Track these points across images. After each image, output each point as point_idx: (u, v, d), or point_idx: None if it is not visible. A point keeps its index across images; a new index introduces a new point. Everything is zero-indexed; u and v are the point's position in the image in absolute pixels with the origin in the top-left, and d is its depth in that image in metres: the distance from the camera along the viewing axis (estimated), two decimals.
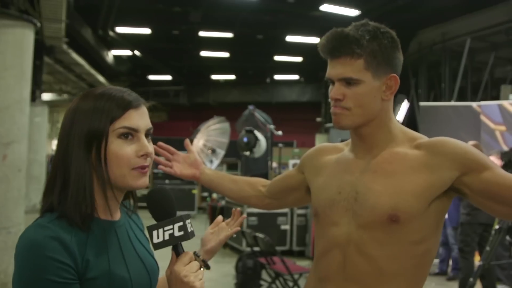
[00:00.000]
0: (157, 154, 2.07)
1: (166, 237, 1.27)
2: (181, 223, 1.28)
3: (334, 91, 1.59)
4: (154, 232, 1.27)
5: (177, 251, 1.29)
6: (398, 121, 1.71)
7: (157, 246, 1.27)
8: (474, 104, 7.63)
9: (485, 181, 1.51)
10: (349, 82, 1.57)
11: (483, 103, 7.68)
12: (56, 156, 1.26)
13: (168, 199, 1.32)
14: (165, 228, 1.27)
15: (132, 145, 1.27)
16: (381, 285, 1.56)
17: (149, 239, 1.29)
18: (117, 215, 1.36)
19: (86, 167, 1.23)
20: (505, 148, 6.94)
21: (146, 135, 1.31)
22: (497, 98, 11.33)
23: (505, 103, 7.53)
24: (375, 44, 1.56)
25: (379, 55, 1.57)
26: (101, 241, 1.25)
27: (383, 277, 1.55)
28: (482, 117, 7.41)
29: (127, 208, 1.45)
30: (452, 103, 8.40)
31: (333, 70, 1.59)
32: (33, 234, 1.17)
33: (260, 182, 2.11)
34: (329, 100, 1.63)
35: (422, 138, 1.64)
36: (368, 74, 1.57)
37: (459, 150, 1.54)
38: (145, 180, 1.30)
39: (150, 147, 1.30)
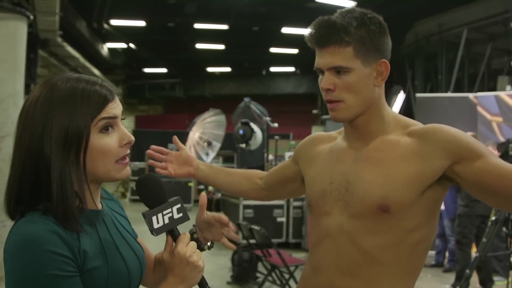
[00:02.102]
0: (151, 158, 2.08)
1: (166, 221, 1.29)
2: (179, 205, 1.30)
3: (324, 81, 1.56)
4: (154, 218, 1.28)
5: (174, 234, 1.30)
6: (390, 108, 1.68)
7: (158, 231, 1.27)
8: (470, 95, 7.61)
9: (477, 171, 1.44)
10: (339, 71, 1.53)
11: (479, 94, 7.66)
12: (26, 153, 1.19)
13: (159, 185, 1.32)
14: (164, 212, 1.29)
15: (113, 136, 1.24)
16: (375, 275, 1.53)
17: (148, 225, 1.28)
18: (100, 204, 1.33)
19: (66, 166, 1.18)
20: (502, 139, 6.93)
21: None
22: (494, 89, 11.32)
23: (502, 94, 7.52)
24: (363, 30, 1.52)
25: (368, 41, 1.53)
26: (92, 231, 1.23)
27: (377, 266, 1.53)
28: (479, 108, 7.39)
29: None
30: (449, 94, 8.38)
31: (322, 59, 1.55)
32: (27, 229, 1.13)
33: (256, 174, 2.09)
34: (321, 90, 1.59)
35: (415, 124, 1.60)
36: (358, 62, 1.53)
37: (451, 138, 1.49)
38: (128, 170, 1.30)
39: (130, 134, 1.28)
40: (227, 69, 22.42)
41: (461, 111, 7.42)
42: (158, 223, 1.27)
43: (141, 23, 15.49)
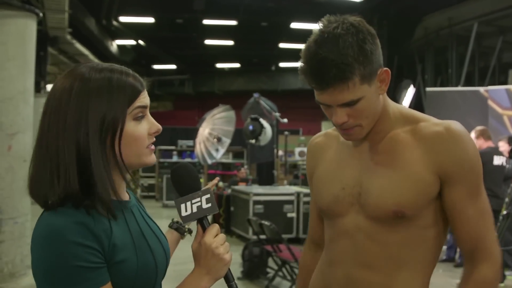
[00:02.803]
0: None
1: (194, 210, 1.29)
2: (208, 195, 1.30)
3: (338, 117, 1.48)
4: (182, 205, 1.29)
5: (203, 225, 1.30)
6: (396, 103, 1.64)
7: (186, 219, 1.29)
8: (481, 89, 7.56)
9: (452, 199, 1.50)
10: (349, 104, 1.46)
11: (490, 87, 7.60)
12: (61, 142, 1.19)
13: (193, 174, 1.34)
14: (193, 201, 1.29)
15: (144, 124, 1.27)
16: (392, 267, 1.54)
17: (177, 212, 1.30)
18: (127, 195, 1.35)
19: (103, 153, 1.20)
20: None
21: None
22: (505, 83, 11.25)
23: None
24: (361, 55, 1.42)
25: (368, 62, 1.43)
26: (122, 222, 1.24)
27: (395, 260, 1.53)
28: (490, 102, 7.34)
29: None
30: (459, 88, 8.33)
31: (329, 97, 1.47)
32: (53, 221, 1.13)
33: (311, 249, 1.90)
34: (334, 123, 1.54)
35: (424, 120, 1.56)
36: (365, 86, 1.45)
37: (458, 159, 1.48)
38: (154, 157, 1.32)
39: (158, 124, 1.31)
40: (236, 65, 22.40)
41: (472, 105, 7.37)
42: (186, 211, 1.29)
43: (150, 20, 15.51)
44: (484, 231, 1.50)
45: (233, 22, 15.70)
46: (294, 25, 15.65)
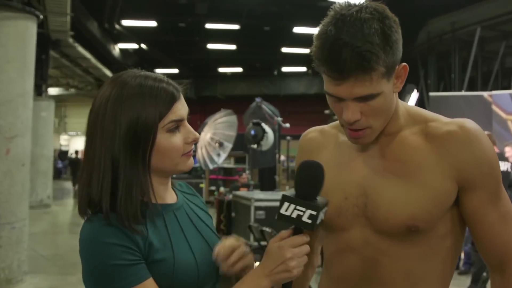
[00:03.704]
0: None
1: (294, 215, 1.22)
2: (314, 213, 1.21)
3: (350, 113, 1.28)
4: (286, 204, 1.22)
5: (296, 230, 1.23)
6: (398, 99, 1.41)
7: (281, 217, 1.23)
8: (485, 94, 7.49)
9: (475, 206, 1.33)
10: (366, 98, 1.26)
11: (494, 92, 7.53)
12: (98, 152, 1.22)
13: (318, 180, 1.24)
14: (298, 207, 1.21)
15: (179, 134, 1.27)
16: (412, 286, 1.37)
17: (279, 205, 1.23)
18: (173, 198, 1.36)
19: (134, 163, 1.22)
20: None
21: None
22: (508, 87, 11.19)
23: None
24: (388, 45, 1.24)
25: (391, 54, 1.24)
26: (160, 224, 1.26)
27: (412, 277, 1.37)
28: (494, 107, 7.27)
29: (182, 191, 1.45)
30: (463, 93, 8.26)
31: (346, 89, 1.25)
32: (90, 227, 1.19)
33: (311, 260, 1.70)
34: (342, 121, 1.34)
35: (434, 119, 1.38)
36: (385, 80, 1.26)
37: (473, 160, 1.30)
38: (192, 161, 1.31)
39: (195, 132, 1.30)
40: (239, 69, 22.38)
41: (476, 110, 7.29)
42: (286, 211, 1.22)
43: (152, 24, 15.48)
44: (510, 238, 1.34)
45: (236, 26, 15.65)
46: (297, 29, 15.59)
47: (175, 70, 21.69)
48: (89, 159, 1.22)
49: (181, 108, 1.27)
